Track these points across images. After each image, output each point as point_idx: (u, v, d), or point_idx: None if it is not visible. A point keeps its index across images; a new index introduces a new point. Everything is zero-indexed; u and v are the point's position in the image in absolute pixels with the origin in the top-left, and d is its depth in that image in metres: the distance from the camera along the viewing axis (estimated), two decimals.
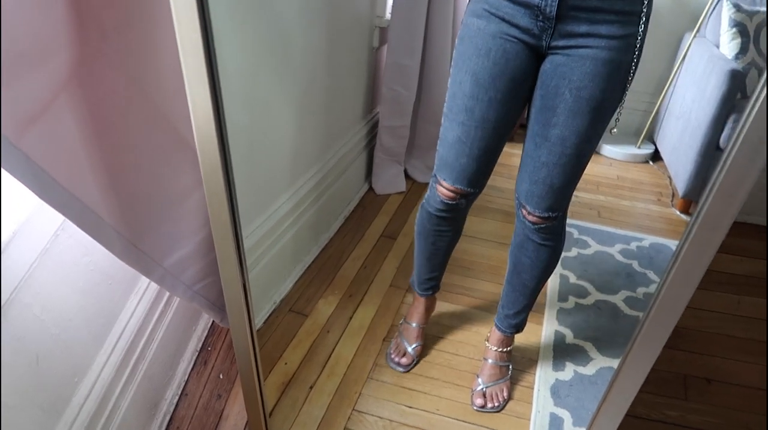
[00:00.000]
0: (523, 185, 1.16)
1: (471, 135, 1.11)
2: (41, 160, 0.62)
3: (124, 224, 0.79)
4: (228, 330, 1.34)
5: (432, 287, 1.48)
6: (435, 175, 1.22)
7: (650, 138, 2.79)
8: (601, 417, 1.02)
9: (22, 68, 0.59)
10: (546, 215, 1.16)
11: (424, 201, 1.29)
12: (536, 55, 1.06)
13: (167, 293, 1.13)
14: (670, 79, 2.57)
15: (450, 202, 1.21)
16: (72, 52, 0.63)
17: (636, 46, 1.00)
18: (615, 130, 1.13)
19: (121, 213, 0.78)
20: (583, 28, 0.98)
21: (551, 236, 1.22)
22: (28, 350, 0.79)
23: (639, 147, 2.77)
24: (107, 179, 0.74)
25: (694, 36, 2.44)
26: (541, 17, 1.00)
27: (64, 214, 0.69)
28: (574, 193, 1.20)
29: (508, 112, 1.10)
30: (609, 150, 2.78)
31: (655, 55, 2.76)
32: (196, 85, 0.62)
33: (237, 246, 0.76)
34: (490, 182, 1.24)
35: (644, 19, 0.99)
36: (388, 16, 2.11)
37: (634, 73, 1.04)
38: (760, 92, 0.65)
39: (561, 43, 1.01)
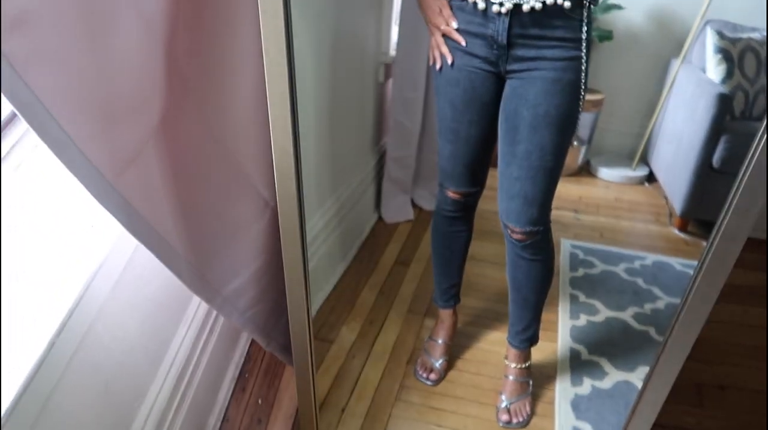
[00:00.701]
0: (503, 204, 1.28)
1: (461, 150, 1.30)
2: (132, 198, 0.69)
3: (193, 255, 0.86)
4: (264, 356, 1.39)
5: (453, 296, 1.58)
6: (441, 183, 1.39)
7: (644, 160, 2.90)
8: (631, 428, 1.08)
9: (128, 118, 0.66)
10: (527, 229, 1.26)
11: (436, 207, 1.46)
12: (498, 79, 1.21)
13: (210, 321, 1.19)
14: (660, 103, 2.69)
15: (459, 200, 1.40)
16: (161, 102, 0.71)
17: (581, 69, 1.14)
18: (576, 143, 1.25)
19: (191, 245, 0.85)
20: (532, 53, 1.13)
21: (539, 251, 1.31)
22: (100, 377, 0.85)
23: (634, 169, 2.88)
24: (181, 215, 0.81)
25: (681, 62, 2.57)
26: (495, 46, 1.14)
27: (147, 247, 0.76)
28: (577, 215, 1.32)
29: (487, 127, 1.27)
30: (605, 173, 2.88)
31: (644, 80, 2.89)
32: (278, 122, 0.70)
33: (304, 265, 0.82)
34: (490, 207, 1.37)
35: (585, 44, 1.13)
36: (392, 52, 2.22)
37: (584, 92, 1.17)
38: None
39: (515, 67, 1.16)
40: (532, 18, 1.09)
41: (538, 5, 1.07)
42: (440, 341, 1.59)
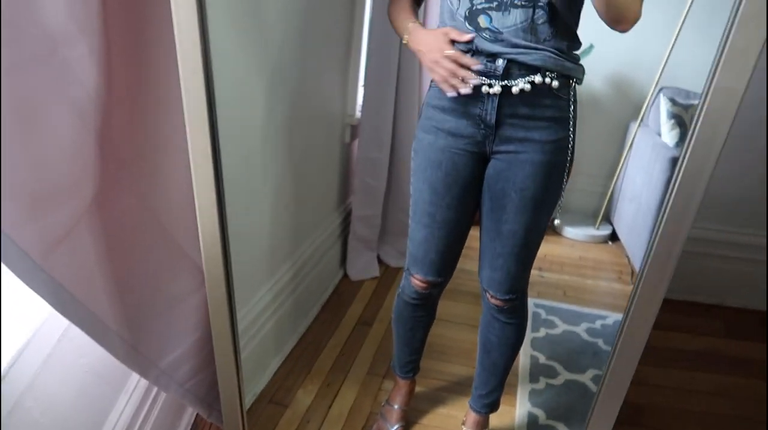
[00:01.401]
0: (484, 273, 1.29)
1: (435, 235, 1.25)
2: (61, 277, 0.70)
3: (128, 330, 0.86)
4: (211, 425, 1.37)
5: (412, 369, 1.56)
6: (408, 268, 1.34)
7: (607, 219, 2.96)
8: None
9: (57, 201, 0.68)
10: (507, 297, 1.29)
11: (399, 290, 1.41)
12: (481, 159, 1.20)
13: (153, 392, 1.17)
14: (620, 165, 2.78)
15: (423, 291, 1.34)
16: (94, 183, 0.73)
17: (568, 148, 1.16)
18: (558, 220, 1.27)
19: (125, 320, 0.85)
20: (520, 134, 1.13)
21: (514, 314, 1.34)
22: None
23: (597, 228, 2.94)
24: (115, 290, 0.81)
25: (639, 125, 2.67)
26: (482, 125, 1.14)
27: (76, 324, 0.76)
28: (541, 273, 1.33)
29: (464, 212, 1.25)
30: (570, 232, 2.93)
31: (606, 142, 2.98)
32: (203, 196, 0.71)
33: (234, 342, 0.83)
34: (461, 266, 1.36)
35: (572, 123, 1.15)
36: (358, 114, 2.28)
37: (569, 171, 1.19)
38: (675, 182, 0.81)
39: (502, 148, 1.15)
40: (521, 98, 1.10)
41: (527, 86, 1.08)
42: (396, 407, 1.57)
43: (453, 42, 1.11)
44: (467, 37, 1.09)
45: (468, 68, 1.08)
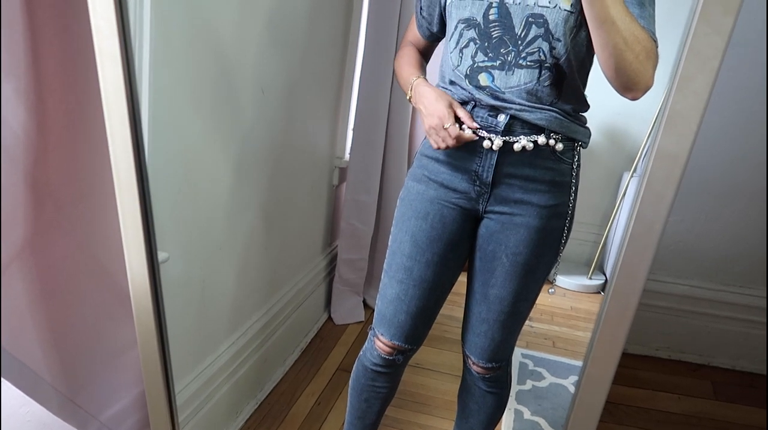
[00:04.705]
0: (467, 336, 1.21)
1: (409, 293, 1.14)
2: None
3: (63, 380, 0.82)
4: None
5: None
6: (373, 328, 1.24)
7: (600, 268, 2.92)
8: None
9: None
10: (489, 365, 1.20)
11: (361, 354, 1.29)
12: (472, 218, 1.12)
13: None
14: (612, 214, 2.75)
15: (387, 357, 1.21)
16: (27, 225, 0.70)
17: (567, 214, 1.08)
18: (553, 290, 1.20)
19: (61, 369, 0.81)
20: (518, 195, 1.06)
21: (496, 383, 1.25)
22: None
23: (590, 278, 2.89)
24: (50, 337, 0.78)
25: (631, 176, 2.65)
26: (478, 182, 1.07)
27: (2, 375, 0.72)
28: (531, 323, 1.25)
29: (444, 274, 1.15)
30: (562, 281, 2.88)
31: (600, 191, 2.97)
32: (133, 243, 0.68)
33: (169, 399, 0.79)
34: (448, 312, 1.27)
35: (573, 188, 1.08)
36: (347, 157, 2.27)
37: (566, 238, 1.12)
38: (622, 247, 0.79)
39: (497, 208, 1.08)
40: (522, 158, 1.03)
41: (530, 145, 1.02)
42: None
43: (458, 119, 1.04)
44: (473, 124, 1.03)
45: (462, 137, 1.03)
